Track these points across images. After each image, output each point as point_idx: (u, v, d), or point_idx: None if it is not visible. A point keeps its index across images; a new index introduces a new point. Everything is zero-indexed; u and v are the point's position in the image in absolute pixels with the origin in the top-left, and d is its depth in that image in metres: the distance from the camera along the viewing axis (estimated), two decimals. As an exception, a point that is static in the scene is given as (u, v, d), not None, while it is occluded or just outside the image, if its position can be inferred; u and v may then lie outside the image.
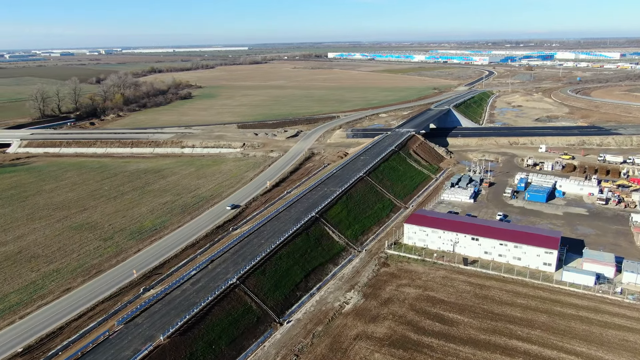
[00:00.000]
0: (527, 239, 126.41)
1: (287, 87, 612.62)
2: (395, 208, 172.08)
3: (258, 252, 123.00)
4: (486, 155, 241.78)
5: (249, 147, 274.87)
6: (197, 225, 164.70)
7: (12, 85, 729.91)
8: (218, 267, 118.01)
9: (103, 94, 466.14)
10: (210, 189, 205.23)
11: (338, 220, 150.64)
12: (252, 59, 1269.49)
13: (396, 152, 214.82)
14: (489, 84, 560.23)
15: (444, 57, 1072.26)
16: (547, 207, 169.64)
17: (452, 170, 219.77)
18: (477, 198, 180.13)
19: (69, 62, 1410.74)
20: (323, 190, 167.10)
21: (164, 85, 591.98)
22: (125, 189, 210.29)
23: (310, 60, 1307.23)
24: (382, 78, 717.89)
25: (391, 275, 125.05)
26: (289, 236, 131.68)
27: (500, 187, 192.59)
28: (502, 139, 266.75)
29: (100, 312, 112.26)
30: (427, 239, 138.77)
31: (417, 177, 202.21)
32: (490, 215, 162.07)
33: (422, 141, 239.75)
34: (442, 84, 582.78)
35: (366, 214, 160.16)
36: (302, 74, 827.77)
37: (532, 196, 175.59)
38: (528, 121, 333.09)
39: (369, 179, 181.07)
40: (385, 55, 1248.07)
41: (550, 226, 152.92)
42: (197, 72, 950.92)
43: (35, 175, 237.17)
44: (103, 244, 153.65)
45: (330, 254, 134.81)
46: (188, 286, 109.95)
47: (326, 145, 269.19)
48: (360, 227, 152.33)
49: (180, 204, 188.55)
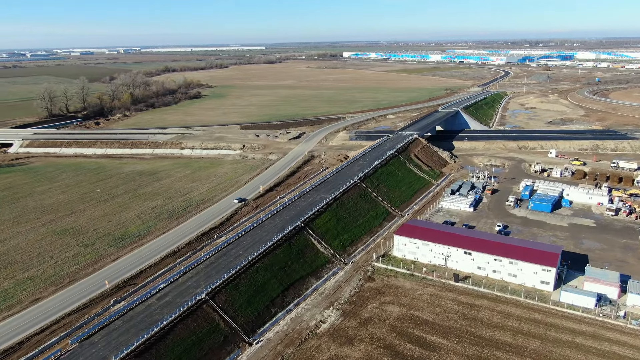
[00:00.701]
0: (524, 255, 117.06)
1: (297, 87, 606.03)
2: (389, 216, 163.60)
3: (233, 265, 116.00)
4: (492, 160, 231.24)
5: (249, 149, 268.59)
6: (182, 232, 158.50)
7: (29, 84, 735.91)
8: (189, 281, 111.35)
9: (111, 93, 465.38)
10: (202, 193, 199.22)
11: (325, 229, 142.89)
12: (267, 59, 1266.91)
13: (395, 157, 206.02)
14: (503, 85, 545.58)
15: (460, 57, 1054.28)
16: (551, 218, 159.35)
17: (455, 175, 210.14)
18: (478, 206, 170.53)
19: (86, 61, 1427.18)
20: (313, 197, 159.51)
21: (175, 84, 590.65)
22: (117, 192, 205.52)
23: (324, 59, 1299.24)
24: (395, 78, 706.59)
25: (375, 291, 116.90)
26: (269, 247, 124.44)
27: (503, 194, 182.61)
28: (511, 142, 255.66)
29: (65, 326, 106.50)
30: (417, 252, 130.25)
31: (416, 183, 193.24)
32: (490, 226, 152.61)
33: (425, 145, 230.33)
34: (456, 85, 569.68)
35: (357, 223, 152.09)
36: (314, 74, 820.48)
37: (536, 205, 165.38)
38: (541, 124, 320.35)
39: (363, 185, 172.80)
40: (401, 55, 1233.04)
41: (553, 239, 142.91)
42: (210, 72, 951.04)
43: (30, 176, 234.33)
44: (83, 250, 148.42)
45: (313, 266, 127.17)
46: (154, 301, 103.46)
47: (327, 148, 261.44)
48: (349, 237, 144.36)
49: (170, 208, 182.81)
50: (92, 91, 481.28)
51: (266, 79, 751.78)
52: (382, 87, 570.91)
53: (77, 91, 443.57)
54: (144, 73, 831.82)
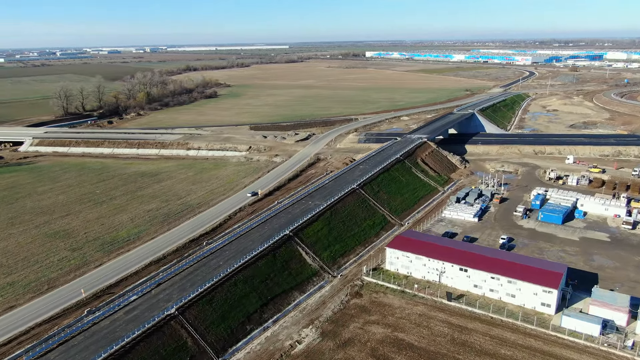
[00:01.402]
0: (523, 274, 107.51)
1: (314, 87, 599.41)
2: (387, 225, 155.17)
3: (211, 277, 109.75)
4: (505, 165, 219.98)
5: (255, 151, 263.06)
6: (172, 237, 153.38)
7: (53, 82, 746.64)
8: (162, 293, 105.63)
9: (127, 92, 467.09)
10: (200, 196, 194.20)
11: (315, 239, 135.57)
12: (288, 58, 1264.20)
13: (401, 161, 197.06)
14: (527, 86, 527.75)
15: (484, 57, 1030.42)
16: (562, 230, 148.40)
17: (464, 182, 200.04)
18: (484, 216, 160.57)
19: (112, 60, 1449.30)
20: (307, 204, 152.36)
21: (192, 83, 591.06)
22: (116, 194, 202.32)
23: (346, 59, 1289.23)
24: (415, 78, 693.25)
25: (361, 308, 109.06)
26: (250, 258, 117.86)
27: (513, 203, 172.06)
28: (527, 147, 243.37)
29: (32, 338, 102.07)
30: (410, 266, 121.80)
31: (420, 190, 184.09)
32: (494, 239, 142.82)
33: (434, 149, 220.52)
34: (477, 85, 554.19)
35: (351, 233, 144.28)
36: (334, 74, 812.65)
37: (546, 216, 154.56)
38: (561, 127, 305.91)
39: (362, 192, 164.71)
40: (424, 55, 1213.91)
41: (562, 254, 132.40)
42: (231, 71, 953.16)
43: (34, 176, 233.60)
44: (70, 254, 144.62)
45: (298, 279, 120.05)
46: (121, 315, 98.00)
47: (335, 151, 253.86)
48: (341, 247, 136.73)
49: (165, 212, 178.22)
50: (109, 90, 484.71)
51: (285, 78, 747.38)
52: (400, 88, 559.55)
53: (93, 90, 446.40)
54: (166, 72, 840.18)
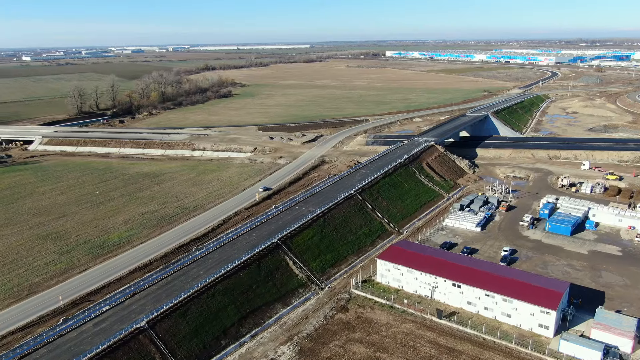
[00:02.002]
0: (520, 292, 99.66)
1: (330, 87, 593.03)
2: (385, 234, 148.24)
3: (188, 287, 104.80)
4: (516, 170, 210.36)
5: (259, 152, 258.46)
6: (162, 242, 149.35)
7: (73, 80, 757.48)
8: (135, 304, 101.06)
9: (141, 91, 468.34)
10: (198, 199, 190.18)
11: (305, 247, 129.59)
12: (307, 57, 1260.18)
13: (404, 166, 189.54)
14: (547, 87, 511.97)
15: (506, 57, 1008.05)
16: (570, 242, 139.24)
17: (470, 188, 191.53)
18: (488, 226, 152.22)
19: (134, 59, 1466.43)
20: (300, 210, 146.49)
21: (208, 83, 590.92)
22: (115, 195, 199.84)
23: (366, 58, 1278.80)
24: (433, 78, 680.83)
25: (345, 324, 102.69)
26: (232, 268, 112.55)
27: (520, 211, 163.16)
28: (541, 151, 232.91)
29: (3, 347, 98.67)
30: (402, 280, 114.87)
31: (424, 196, 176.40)
32: (496, 250, 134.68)
33: (441, 152, 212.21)
34: (496, 86, 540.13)
35: (344, 241, 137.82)
36: (351, 73, 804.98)
37: (554, 227, 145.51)
38: (580, 131, 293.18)
39: (360, 198, 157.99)
40: (445, 55, 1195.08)
41: (567, 269, 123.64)
42: (249, 70, 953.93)
43: (38, 175, 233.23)
44: (57, 258, 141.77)
45: (283, 291, 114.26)
46: (89, 326, 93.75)
47: (341, 153, 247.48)
48: (332, 257, 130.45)
49: (160, 214, 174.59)
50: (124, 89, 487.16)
51: (301, 78, 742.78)
52: (417, 88, 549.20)
53: (107, 89, 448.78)
54: (184, 71, 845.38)
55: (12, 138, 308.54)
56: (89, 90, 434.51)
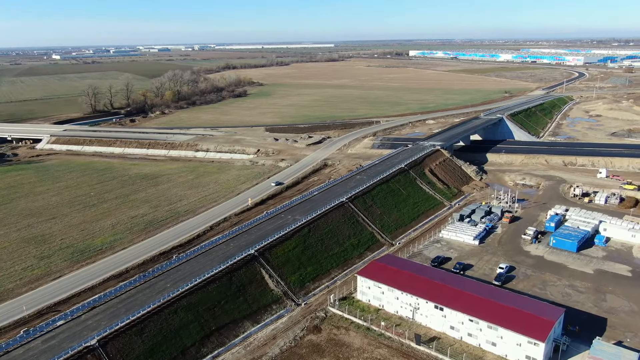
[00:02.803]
0: (507, 318, 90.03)
1: (347, 87, 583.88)
2: (375, 245, 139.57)
3: (150, 302, 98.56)
4: (527, 178, 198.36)
5: (262, 154, 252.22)
6: (144, 248, 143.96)
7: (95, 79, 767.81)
8: (92, 319, 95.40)
9: (156, 90, 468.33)
10: (191, 203, 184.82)
11: (285, 260, 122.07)
12: (329, 57, 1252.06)
13: (405, 172, 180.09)
14: (572, 88, 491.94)
15: (532, 57, 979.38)
16: (575, 260, 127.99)
17: (475, 195, 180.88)
18: (487, 239, 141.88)
19: (159, 58, 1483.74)
20: (284, 219, 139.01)
21: (225, 82, 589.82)
22: (109, 197, 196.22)
23: (388, 58, 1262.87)
24: (454, 79, 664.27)
25: (314, 348, 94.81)
26: (201, 281, 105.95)
27: (525, 223, 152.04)
28: (556, 157, 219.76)
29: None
30: (383, 298, 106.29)
31: (423, 204, 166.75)
32: (492, 267, 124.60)
33: (447, 158, 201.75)
34: (518, 87, 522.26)
35: (329, 253, 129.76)
36: (371, 73, 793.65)
37: (559, 242, 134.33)
38: (601, 135, 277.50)
39: (351, 206, 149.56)
40: (469, 54, 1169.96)
41: (568, 290, 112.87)
42: (270, 69, 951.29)
43: (39, 175, 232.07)
44: (36, 263, 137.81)
45: (254, 307, 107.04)
46: (37, 343, 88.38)
47: (345, 156, 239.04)
48: (314, 270, 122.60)
49: (149, 218, 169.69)
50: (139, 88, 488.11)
51: (320, 77, 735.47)
52: (436, 89, 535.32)
53: (121, 88, 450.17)
54: (204, 70, 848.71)
55: (22, 136, 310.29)
56: (104, 89, 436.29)
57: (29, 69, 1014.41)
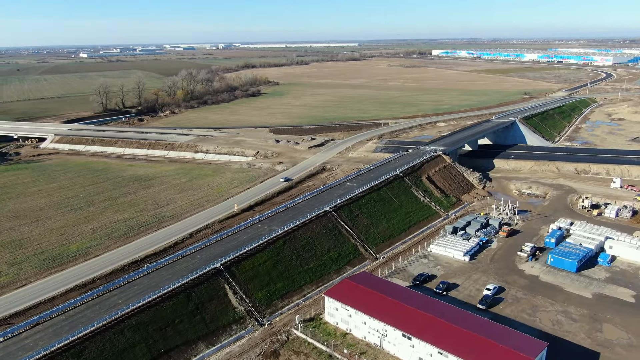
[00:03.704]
0: (480, 353, 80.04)
1: (363, 87, 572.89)
2: (357, 259, 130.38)
3: (94, 320, 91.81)
4: (533, 187, 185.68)
5: (261, 157, 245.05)
6: (118, 256, 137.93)
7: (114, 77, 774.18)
8: (31, 337, 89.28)
9: (168, 89, 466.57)
10: (178, 207, 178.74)
11: (253, 274, 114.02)
12: (350, 56, 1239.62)
13: (399, 179, 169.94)
14: (597, 90, 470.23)
15: (559, 57, 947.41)
16: (573, 282, 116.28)
17: (475, 205, 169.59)
18: (480, 255, 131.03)
19: (182, 56, 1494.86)
20: (261, 229, 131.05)
21: (239, 81, 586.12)
22: (98, 199, 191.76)
23: (410, 58, 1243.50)
24: (474, 79, 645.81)
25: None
26: (155, 297, 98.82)
27: (524, 238, 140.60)
28: (568, 164, 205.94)
29: None
30: (350, 322, 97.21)
31: (416, 214, 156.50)
32: (479, 287, 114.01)
33: (448, 164, 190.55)
34: (539, 88, 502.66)
35: (304, 267, 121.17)
36: (390, 73, 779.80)
37: (557, 260, 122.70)
38: (621, 140, 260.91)
39: (334, 216, 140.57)
40: (494, 54, 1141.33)
41: (560, 317, 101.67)
42: (289, 68, 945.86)
43: (34, 175, 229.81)
44: (6, 270, 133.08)
45: (212, 327, 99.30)
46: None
47: (345, 160, 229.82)
48: (284, 286, 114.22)
49: (132, 223, 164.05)
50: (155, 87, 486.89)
51: (338, 77, 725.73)
52: (453, 89, 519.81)
53: (133, 87, 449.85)
54: (223, 69, 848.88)
55: (28, 135, 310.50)
56: (115, 88, 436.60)
57: (54, 67, 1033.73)
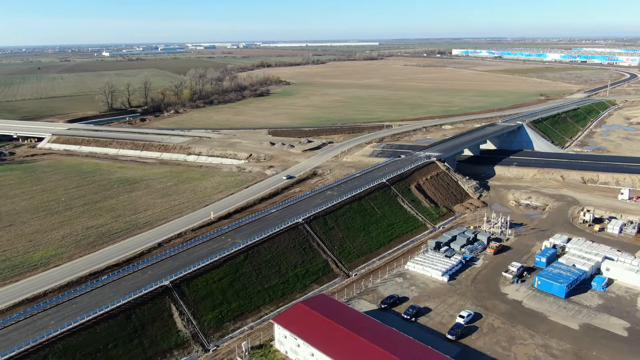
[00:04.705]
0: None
1: (374, 87, 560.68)
2: (327, 276, 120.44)
3: (19, 343, 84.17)
4: (533, 197, 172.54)
5: (253, 160, 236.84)
6: (78, 266, 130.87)
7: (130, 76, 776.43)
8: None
9: (175, 88, 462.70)
10: (155, 213, 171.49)
11: (206, 293, 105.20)
12: (367, 55, 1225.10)
13: (385, 187, 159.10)
14: (618, 91, 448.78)
15: (582, 57, 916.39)
16: (560, 309, 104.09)
17: (467, 217, 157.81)
18: (461, 274, 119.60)
19: (201, 55, 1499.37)
20: (223, 242, 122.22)
21: (250, 80, 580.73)
22: (77, 203, 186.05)
23: (429, 57, 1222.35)
24: (491, 79, 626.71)
25: (196, 415, 77.39)
26: (91, 319, 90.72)
27: (514, 256, 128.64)
28: (574, 173, 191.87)
29: None
30: (299, 352, 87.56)
31: (399, 226, 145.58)
32: (452, 313, 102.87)
33: (442, 171, 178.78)
34: (558, 89, 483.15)
35: (265, 285, 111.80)
36: (405, 72, 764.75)
37: (544, 284, 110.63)
38: (637, 147, 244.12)
39: (306, 228, 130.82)
40: (515, 53, 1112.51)
41: (538, 353, 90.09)
42: (304, 68, 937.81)
43: (23, 176, 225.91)
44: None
45: (150, 352, 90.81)
46: None
47: (339, 164, 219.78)
48: (239, 305, 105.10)
49: (104, 230, 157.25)
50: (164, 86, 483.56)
51: (352, 76, 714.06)
52: (467, 90, 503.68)
53: (139, 86, 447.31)
54: (238, 68, 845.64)
55: (28, 134, 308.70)
56: (121, 87, 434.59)
57: (74, 66, 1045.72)
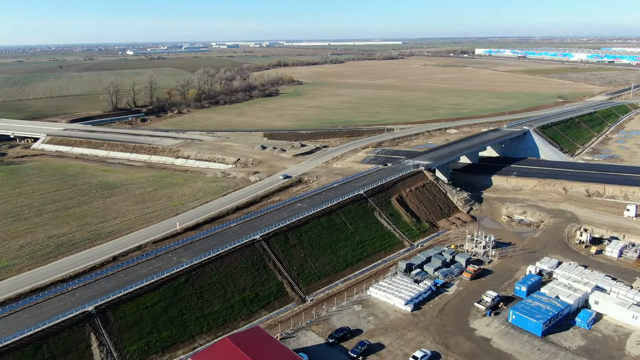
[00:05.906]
0: None
1: (388, 87, 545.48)
2: (280, 300, 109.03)
3: None
4: (528, 211, 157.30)
5: (240, 165, 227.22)
6: (22, 281, 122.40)
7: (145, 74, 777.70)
8: None
9: (181, 88, 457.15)
10: (124, 222, 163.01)
11: (134, 320, 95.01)
12: (387, 55, 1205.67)
13: (361, 200, 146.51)
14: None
15: (610, 57, 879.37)
16: (534, 350, 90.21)
17: (450, 234, 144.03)
18: (427, 303, 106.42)
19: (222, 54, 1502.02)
20: (167, 261, 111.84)
21: (261, 80, 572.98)
22: (50, 209, 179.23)
23: (450, 57, 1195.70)
24: (509, 80, 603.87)
25: None
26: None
27: (493, 282, 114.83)
28: (578, 184, 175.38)
29: None
30: (216, 398, 76.42)
31: (372, 244, 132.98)
32: (408, 352, 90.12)
33: (429, 181, 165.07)
34: (579, 91, 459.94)
35: (205, 311, 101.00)
36: (423, 72, 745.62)
37: (519, 319, 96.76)
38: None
39: (263, 246, 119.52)
40: (539, 53, 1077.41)
41: (498, 407, 76.81)
42: (321, 67, 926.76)
43: (4, 179, 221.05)
44: None
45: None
46: None
47: (328, 171, 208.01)
48: (171, 335, 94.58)
49: (64, 240, 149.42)
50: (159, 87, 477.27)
51: (367, 76, 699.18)
52: (482, 91, 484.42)
53: (145, 86, 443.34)
54: (254, 67, 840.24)
55: (24, 135, 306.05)
56: (127, 87, 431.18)
57: (95, 64, 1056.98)
